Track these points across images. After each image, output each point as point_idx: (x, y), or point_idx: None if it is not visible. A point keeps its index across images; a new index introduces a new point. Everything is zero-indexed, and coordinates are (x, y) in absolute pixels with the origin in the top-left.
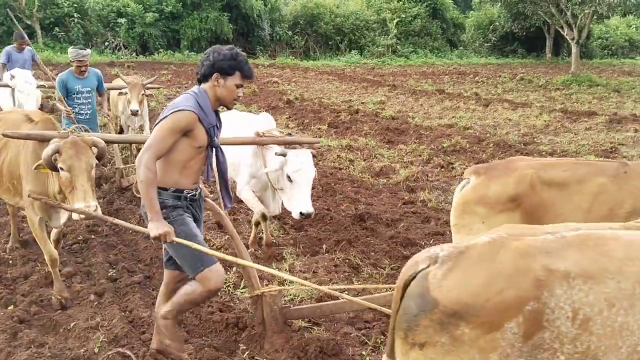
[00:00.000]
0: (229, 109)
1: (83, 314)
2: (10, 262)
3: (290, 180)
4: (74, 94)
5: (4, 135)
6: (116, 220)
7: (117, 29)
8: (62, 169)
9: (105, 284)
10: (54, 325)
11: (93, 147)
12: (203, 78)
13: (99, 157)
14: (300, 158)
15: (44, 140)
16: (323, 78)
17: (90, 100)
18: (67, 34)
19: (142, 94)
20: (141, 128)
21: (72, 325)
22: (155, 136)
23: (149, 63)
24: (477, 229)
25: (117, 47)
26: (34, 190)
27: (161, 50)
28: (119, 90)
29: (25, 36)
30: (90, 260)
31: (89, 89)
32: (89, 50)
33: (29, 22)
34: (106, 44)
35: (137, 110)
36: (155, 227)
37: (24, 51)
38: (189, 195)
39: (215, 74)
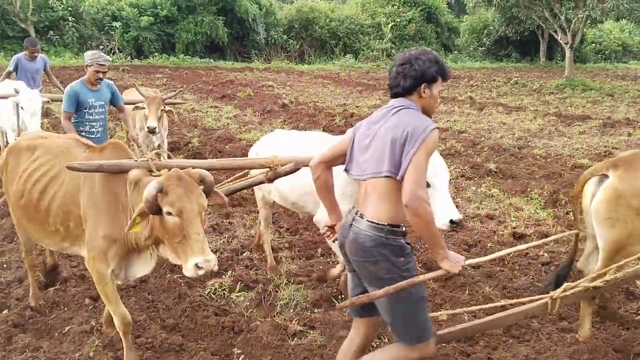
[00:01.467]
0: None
1: (78, 318)
2: (5, 265)
3: (428, 185)
4: (85, 109)
5: (71, 169)
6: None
7: (112, 33)
8: (169, 213)
9: None
10: (49, 330)
11: (200, 182)
12: (406, 91)
13: (206, 194)
14: (434, 160)
15: (120, 172)
16: (318, 82)
17: (103, 116)
18: (61, 37)
19: (162, 110)
20: (159, 148)
21: (67, 329)
22: (420, 165)
23: (144, 67)
24: (632, 221)
25: (112, 51)
26: (109, 236)
27: (156, 54)
28: (134, 105)
29: (38, 43)
30: (85, 264)
31: (102, 102)
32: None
33: (23, 26)
34: (101, 47)
35: (155, 128)
36: (450, 262)
37: (36, 60)
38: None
39: (423, 85)
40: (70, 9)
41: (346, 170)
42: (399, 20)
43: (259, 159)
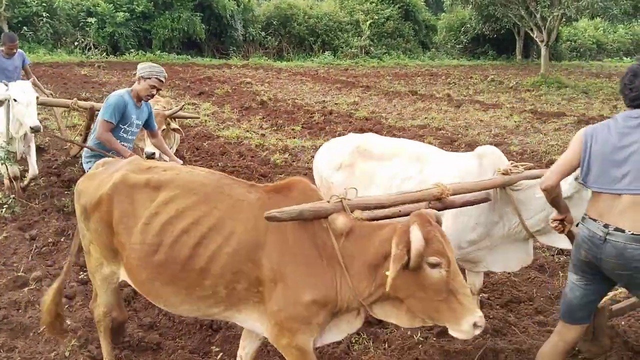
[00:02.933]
0: None
1: None
2: None
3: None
4: (125, 125)
5: (271, 219)
6: None
7: (87, 29)
8: (435, 265)
9: (76, 287)
10: (24, 329)
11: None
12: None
13: None
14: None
15: (315, 219)
16: (297, 79)
17: (134, 137)
18: (35, 33)
19: (163, 129)
20: None
21: (42, 329)
22: None
23: (120, 63)
24: None
25: (87, 47)
26: (319, 300)
27: (132, 50)
28: None
29: (16, 38)
30: (60, 263)
31: (140, 122)
32: None
33: None
34: (76, 43)
35: (154, 154)
36: None
37: (14, 57)
38: None
39: (137, 77)
40: (44, 4)
41: (584, 182)
42: (377, 17)
43: (430, 190)
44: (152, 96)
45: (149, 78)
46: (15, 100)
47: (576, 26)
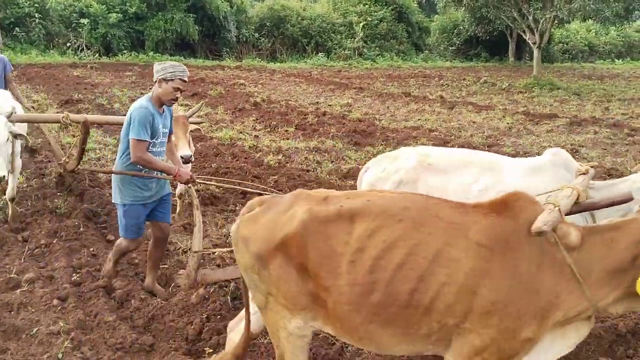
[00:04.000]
0: None
1: (46, 319)
2: None
3: None
4: (154, 139)
5: (540, 233)
6: None
7: (80, 30)
8: None
9: (69, 289)
10: (16, 331)
11: None
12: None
13: None
14: None
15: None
16: (290, 80)
17: (164, 148)
18: (27, 34)
19: (190, 131)
20: None
21: (34, 330)
22: None
23: (113, 64)
24: None
25: (80, 48)
26: (534, 339)
27: (125, 51)
28: None
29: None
30: (53, 264)
31: (166, 130)
32: None
33: None
34: (68, 44)
35: (191, 156)
36: None
37: None
38: None
39: (156, 80)
40: (36, 5)
41: None
42: (370, 19)
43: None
44: (177, 100)
45: (172, 80)
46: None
47: (568, 28)
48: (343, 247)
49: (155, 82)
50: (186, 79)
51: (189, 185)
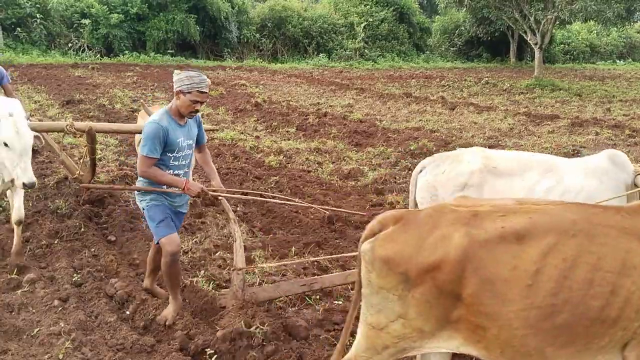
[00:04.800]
0: None
1: (47, 319)
2: None
3: None
4: (172, 152)
5: None
6: None
7: (81, 30)
8: None
9: (70, 289)
10: (17, 332)
11: None
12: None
13: None
14: None
15: None
16: (291, 81)
17: (189, 161)
18: (29, 34)
19: None
20: None
21: (35, 331)
22: None
23: (114, 65)
24: None
25: (81, 49)
26: None
27: (126, 51)
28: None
29: None
30: (54, 265)
31: (190, 142)
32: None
33: None
34: (69, 45)
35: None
36: None
37: None
38: None
39: (177, 91)
40: (38, 5)
41: None
42: (371, 20)
43: None
44: (197, 112)
45: (189, 92)
46: (5, 144)
47: (570, 29)
48: (511, 271)
49: (174, 93)
50: (205, 89)
51: (219, 198)
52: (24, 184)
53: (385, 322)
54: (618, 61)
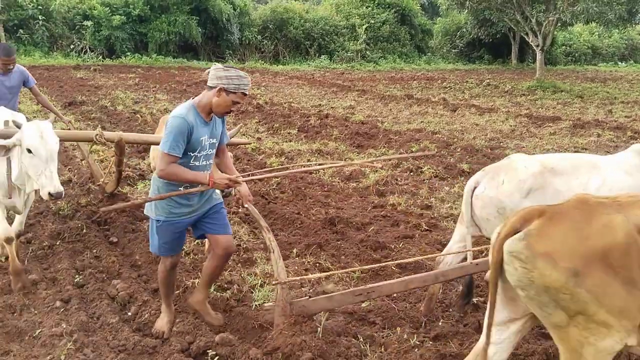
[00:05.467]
0: None
1: (49, 321)
2: None
3: None
4: (193, 151)
5: None
6: None
7: (83, 32)
8: None
9: (72, 290)
10: (19, 333)
11: None
12: (209, 88)
13: None
14: None
15: None
16: (293, 82)
17: (211, 161)
18: (31, 36)
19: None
20: None
21: (37, 332)
22: None
23: (116, 66)
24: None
25: (83, 50)
26: None
27: (128, 53)
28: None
29: (14, 52)
30: (55, 266)
31: (214, 141)
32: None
33: None
34: (72, 46)
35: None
36: None
37: (11, 74)
38: None
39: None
40: (40, 7)
41: None
42: (373, 21)
43: None
44: (230, 113)
45: (234, 92)
46: (29, 151)
47: (571, 31)
48: None
49: (212, 88)
50: (247, 92)
51: (245, 205)
52: (49, 193)
53: (565, 320)
54: (620, 63)
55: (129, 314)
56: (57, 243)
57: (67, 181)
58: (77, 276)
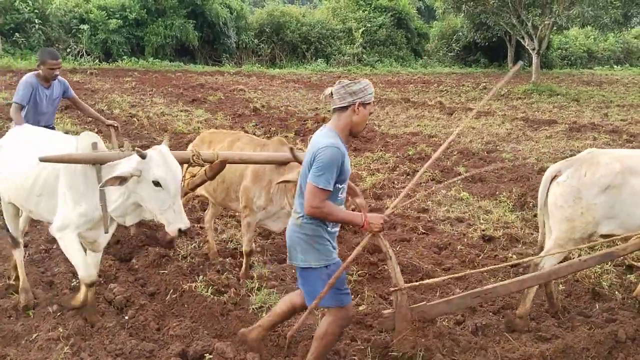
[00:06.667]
0: None
1: (45, 325)
2: None
3: None
4: (343, 183)
5: None
6: None
7: (80, 36)
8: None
9: (68, 294)
10: (16, 337)
11: None
12: (341, 109)
13: None
14: None
15: None
16: (289, 86)
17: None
18: (27, 40)
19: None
20: None
21: (34, 336)
22: None
23: (113, 70)
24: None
25: (80, 54)
26: None
27: (125, 57)
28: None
29: (59, 55)
30: (52, 270)
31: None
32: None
33: None
34: (68, 50)
35: None
36: None
37: (52, 85)
38: None
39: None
40: (36, 11)
41: None
42: (369, 25)
43: None
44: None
45: (369, 103)
46: (157, 183)
47: (567, 34)
48: None
49: (346, 108)
50: (370, 98)
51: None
52: (180, 230)
53: None
54: (615, 66)
55: (126, 317)
56: (54, 247)
57: None
58: (74, 280)
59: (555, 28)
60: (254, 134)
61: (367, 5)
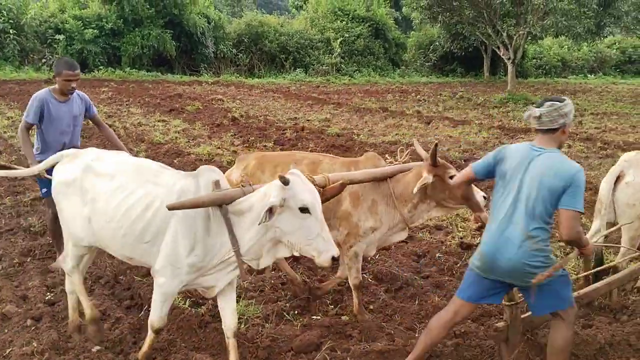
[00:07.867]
0: None
1: (19, 340)
2: None
3: None
4: None
5: None
6: None
7: (55, 46)
8: None
9: (43, 308)
10: None
11: None
12: (551, 131)
13: None
14: None
15: None
16: (268, 95)
17: None
18: (2, 50)
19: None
20: None
21: (7, 352)
22: None
23: (89, 80)
24: None
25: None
26: None
27: (101, 67)
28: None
29: (79, 66)
30: (26, 284)
31: None
32: None
33: None
34: (43, 60)
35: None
36: None
37: (71, 100)
38: None
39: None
40: (11, 21)
41: None
42: (347, 35)
43: None
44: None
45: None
46: (303, 210)
47: (541, 44)
48: None
49: (555, 130)
50: None
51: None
52: (333, 258)
53: None
54: (589, 75)
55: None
56: (28, 260)
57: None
58: (48, 294)
59: (529, 38)
60: (233, 143)
61: (345, 15)
